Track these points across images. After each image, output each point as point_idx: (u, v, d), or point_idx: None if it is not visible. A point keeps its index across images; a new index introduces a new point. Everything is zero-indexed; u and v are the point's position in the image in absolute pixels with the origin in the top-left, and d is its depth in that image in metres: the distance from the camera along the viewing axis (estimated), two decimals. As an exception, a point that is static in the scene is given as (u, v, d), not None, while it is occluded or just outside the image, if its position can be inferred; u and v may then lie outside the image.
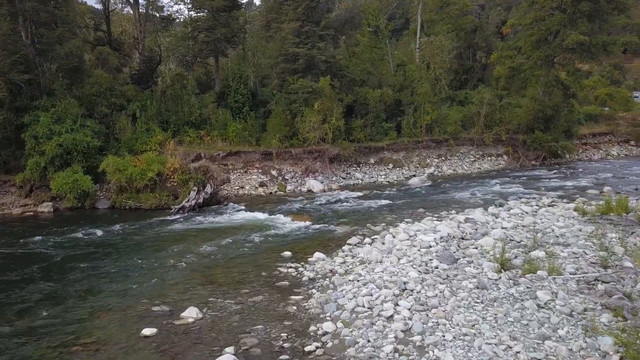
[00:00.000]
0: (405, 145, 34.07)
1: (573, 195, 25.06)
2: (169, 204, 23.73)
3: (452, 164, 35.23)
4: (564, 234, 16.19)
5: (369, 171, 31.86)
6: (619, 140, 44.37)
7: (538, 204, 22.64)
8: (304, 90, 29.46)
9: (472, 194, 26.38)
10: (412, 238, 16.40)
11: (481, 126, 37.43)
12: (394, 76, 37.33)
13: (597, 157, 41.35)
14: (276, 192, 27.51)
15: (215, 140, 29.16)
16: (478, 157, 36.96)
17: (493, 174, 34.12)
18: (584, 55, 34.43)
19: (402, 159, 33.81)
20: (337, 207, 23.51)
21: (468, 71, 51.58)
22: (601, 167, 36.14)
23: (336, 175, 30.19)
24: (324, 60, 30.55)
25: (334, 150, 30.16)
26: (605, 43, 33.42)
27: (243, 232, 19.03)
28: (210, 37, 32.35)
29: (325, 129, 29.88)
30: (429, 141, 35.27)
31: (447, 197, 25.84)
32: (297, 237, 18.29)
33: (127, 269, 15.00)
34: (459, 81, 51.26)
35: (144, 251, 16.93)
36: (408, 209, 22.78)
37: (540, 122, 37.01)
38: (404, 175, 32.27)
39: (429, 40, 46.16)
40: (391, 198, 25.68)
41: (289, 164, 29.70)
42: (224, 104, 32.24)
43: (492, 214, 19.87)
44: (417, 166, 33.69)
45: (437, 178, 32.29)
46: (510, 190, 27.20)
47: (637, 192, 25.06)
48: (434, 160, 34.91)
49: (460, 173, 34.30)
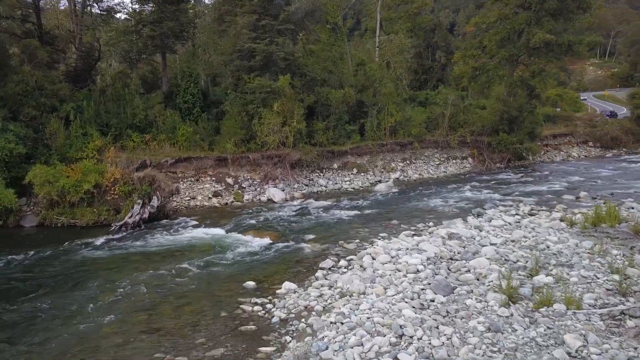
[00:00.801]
0: (370, 149, 32.12)
1: (549, 201, 23.77)
2: (110, 220, 20.65)
3: (418, 168, 33.59)
4: (561, 250, 14.50)
5: (333, 177, 29.67)
6: (578, 141, 44.26)
7: (518, 212, 21.15)
8: (262, 90, 26.94)
9: (444, 201, 24.65)
10: (394, 259, 14.29)
11: (445, 128, 36.06)
12: (355, 76, 35.36)
13: (559, 159, 40.91)
14: (232, 203, 24.83)
15: (162, 145, 26.14)
16: (443, 160, 35.55)
17: (460, 177, 32.72)
18: (549, 55, 33.62)
19: (367, 163, 31.82)
20: (302, 220, 21.13)
21: (427, 71, 50.48)
22: (566, 170, 35.50)
23: (298, 183, 27.81)
24: (283, 58, 28.10)
25: (296, 155, 27.79)
26: (571, 43, 32.71)
27: (196, 255, 16.34)
28: (156, 31, 29.30)
29: (285, 132, 27.47)
30: (394, 144, 33.50)
31: (419, 205, 23.99)
32: (260, 259, 15.79)
33: (48, 311, 12.05)
34: (418, 81, 50.08)
35: (74, 284, 13.95)
36: (380, 220, 20.72)
37: (505, 123, 36.02)
38: (369, 181, 30.29)
39: (389, 39, 44.65)
40: (359, 207, 23.56)
41: (246, 171, 27.09)
42: (172, 105, 29.22)
43: (475, 226, 18.06)
44: (382, 171, 31.80)
45: (403, 183, 30.50)
46: (482, 196, 25.70)
47: (614, 197, 24.04)
48: (398, 164, 33.14)
49: (426, 177, 32.68)
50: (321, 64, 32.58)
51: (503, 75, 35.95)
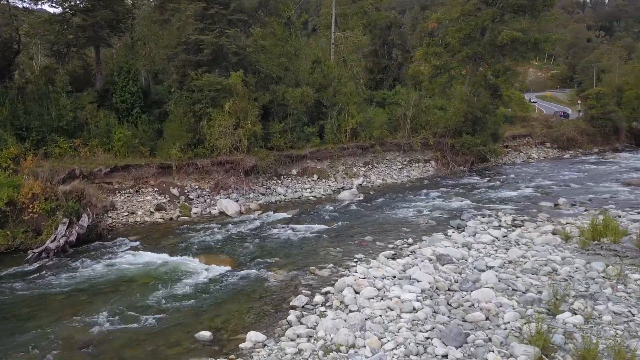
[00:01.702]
0: (330, 153, 29.62)
1: (528, 209, 22.12)
2: (27, 245, 17.02)
3: (380, 173, 31.42)
4: (571, 275, 12.50)
5: (292, 184, 26.94)
6: (536, 142, 43.69)
7: (501, 223, 19.28)
8: (211, 88, 23.86)
9: (416, 210, 22.49)
10: (382, 292, 11.81)
11: (407, 130, 34.13)
12: (311, 74, 32.77)
13: (520, 161, 40.01)
14: (178, 218, 21.59)
15: (95, 151, 22.52)
16: (405, 163, 33.59)
17: (425, 182, 30.83)
18: (514, 53, 32.35)
19: (327, 168, 29.30)
20: (261, 238, 18.26)
21: (384, 70, 48.55)
22: (530, 172, 34.42)
23: (254, 192, 24.88)
24: (234, 52, 25.09)
25: (250, 160, 24.86)
26: (537, 41, 31.55)
27: (134, 290, 13.21)
28: (87, 21, 25.56)
29: (238, 134, 24.51)
30: (355, 147, 31.17)
31: (389, 216, 21.70)
32: (215, 294, 12.86)
33: None
34: (374, 81, 48.07)
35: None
36: (351, 236, 18.22)
37: (469, 124, 34.57)
38: (332, 188, 27.77)
39: (345, 35, 42.39)
40: (325, 220, 20.98)
41: (194, 180, 23.90)
42: (107, 105, 25.55)
43: (462, 244, 15.90)
44: (344, 176, 29.38)
45: (367, 190, 28.19)
46: (454, 204, 23.77)
47: (593, 204, 22.70)
48: (360, 169, 30.84)
49: (390, 183, 30.55)
50: (276, 60, 29.74)
51: (466, 75, 34.40)
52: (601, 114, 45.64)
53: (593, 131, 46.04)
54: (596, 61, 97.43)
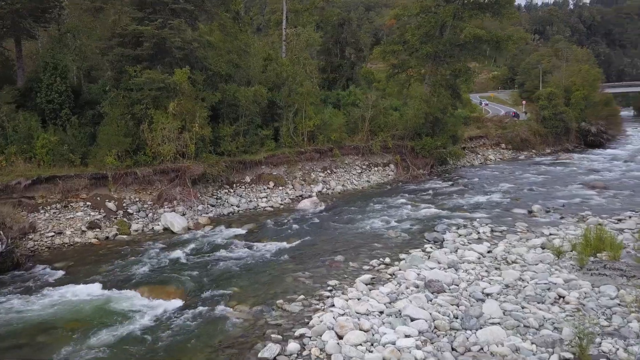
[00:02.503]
0: (287, 158, 27.27)
1: (502, 217, 20.76)
2: None
3: (340, 178, 29.40)
4: (583, 303, 10.86)
5: (246, 193, 24.39)
6: (492, 144, 43.12)
7: (480, 235, 17.71)
8: (153, 86, 21.01)
9: (384, 221, 20.60)
10: (371, 335, 9.71)
11: (366, 132, 32.32)
12: (264, 72, 30.32)
13: (478, 163, 39.18)
14: (116, 237, 18.60)
15: (13, 160, 19.12)
16: (365, 167, 31.76)
17: (386, 188, 29.10)
18: (475, 52, 31.21)
19: (284, 174, 26.96)
20: (215, 260, 15.71)
21: (337, 69, 46.59)
22: (491, 175, 33.47)
23: (203, 203, 22.17)
24: (179, 47, 22.28)
25: (199, 168, 22.14)
26: (499, 39, 30.52)
27: (55, 341, 10.43)
28: (5, 9, 21.99)
29: (185, 139, 21.76)
30: (313, 151, 28.98)
31: (357, 228, 19.68)
32: (162, 344, 10.29)
33: None
34: (327, 80, 46.05)
35: None
36: (319, 256, 16.04)
37: (428, 126, 33.20)
38: (290, 197, 25.45)
39: (296, 32, 40.13)
40: (286, 235, 18.67)
41: (134, 191, 20.92)
42: (31, 106, 22.07)
43: (448, 264, 14.04)
44: (303, 183, 27.13)
45: (328, 197, 26.09)
46: (423, 212, 22.10)
47: (566, 209, 21.64)
48: (319, 174, 28.69)
49: (350, 189, 28.59)
50: (225, 56, 27.05)
51: (425, 74, 32.99)
52: (553, 115, 45.79)
53: (545, 132, 46.15)
54: (537, 63, 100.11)
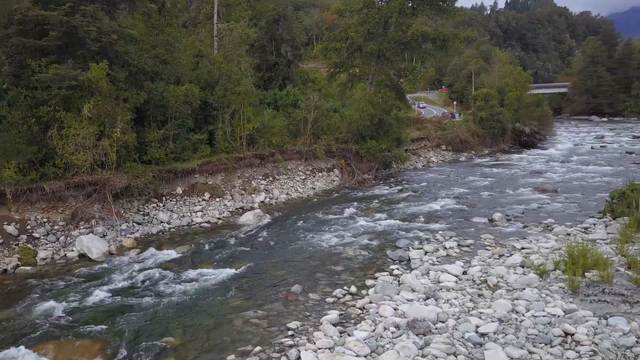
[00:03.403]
0: (224, 165, 24.47)
1: (463, 228, 19.29)
2: None
3: (284, 186, 26.99)
4: (593, 340, 9.21)
5: (178, 207, 21.36)
6: (432, 145, 42.37)
7: (448, 252, 16.01)
8: (63, 84, 17.57)
9: (337, 236, 18.47)
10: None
11: (309, 135, 30.14)
12: (194, 70, 27.29)
13: (421, 165, 38.15)
14: (17, 269, 15.07)
15: None
16: (309, 173, 29.55)
17: (334, 195, 27.07)
18: (420, 51, 29.87)
19: (222, 183, 24.14)
20: (145, 297, 12.77)
21: (273, 68, 43.99)
22: (437, 178, 32.37)
23: (128, 222, 18.95)
24: (95, 38, 18.90)
25: (121, 179, 18.89)
26: (446, 37, 29.33)
27: None
28: None
29: (104, 146, 18.48)
30: (253, 157, 26.35)
31: (310, 246, 17.40)
32: None
33: None
34: (263, 79, 43.37)
35: None
36: (272, 286, 13.60)
37: (372, 128, 31.56)
38: (229, 209, 22.70)
39: (229, 27, 37.24)
40: (229, 259, 16.03)
41: (41, 210, 17.36)
42: None
43: (425, 293, 12.08)
44: (243, 193, 24.44)
45: (272, 208, 23.62)
46: (379, 224, 20.25)
47: (527, 217, 20.53)
48: (261, 182, 26.11)
49: (295, 198, 26.25)
50: (151, 51, 23.79)
51: (369, 73, 31.26)
52: (490, 116, 45.90)
53: (483, 133, 46.16)
54: (464, 64, 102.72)
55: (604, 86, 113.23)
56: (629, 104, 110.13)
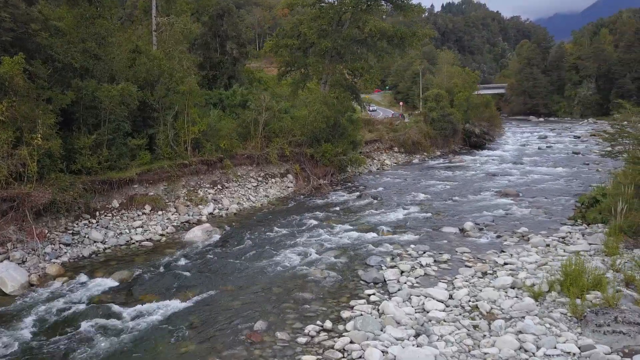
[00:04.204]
0: (167, 173, 21.90)
1: (434, 239, 17.89)
2: None
3: (234, 194, 24.68)
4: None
5: (114, 223, 18.64)
6: (385, 148, 41.18)
7: (426, 270, 14.44)
8: (-34, 81, 14.56)
9: (300, 254, 16.50)
10: None
11: (260, 138, 27.96)
12: (131, 67, 24.43)
13: (375, 169, 36.78)
14: None
15: None
16: (261, 179, 27.38)
17: (290, 204, 25.03)
18: (376, 49, 28.36)
19: (164, 194, 21.55)
20: (74, 343, 10.29)
21: (217, 66, 41.33)
22: (394, 182, 31.03)
23: (53, 243, 16.11)
24: (9, 27, 15.92)
25: (44, 194, 16.04)
26: (404, 35, 27.95)
27: None
28: None
29: (22, 156, 15.58)
30: (199, 163, 23.88)
31: (270, 267, 15.33)
32: None
33: None
34: (207, 78, 40.61)
35: None
36: (230, 323, 11.44)
37: (327, 131, 29.81)
38: (173, 223, 20.16)
39: (169, 22, 34.35)
40: (177, 287, 13.68)
41: (-59, 234, 14.30)
42: None
43: (415, 329, 10.37)
44: (189, 204, 21.95)
45: (223, 221, 21.30)
46: (343, 236, 18.49)
47: (499, 226, 19.38)
48: (208, 191, 23.68)
49: (248, 207, 24.01)
50: (79, 44, 20.80)
51: (323, 72, 29.46)
52: (441, 116, 45.36)
53: (434, 134, 45.56)
54: (408, 65, 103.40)
55: (539, 87, 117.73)
56: (562, 105, 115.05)
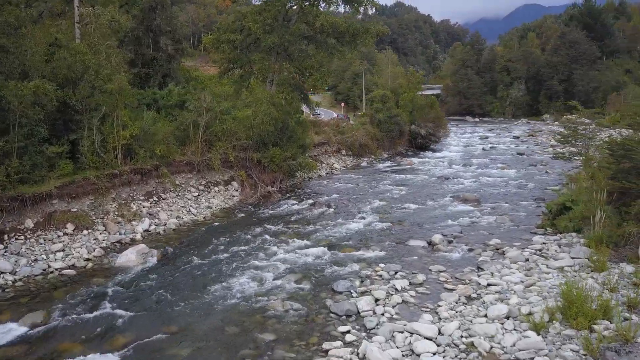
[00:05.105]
0: (93, 185, 18.89)
1: (403, 255, 16.23)
2: None
3: (172, 207, 21.95)
4: None
5: (28, 248, 15.54)
6: (333, 151, 39.47)
7: (404, 297, 12.65)
8: None
9: (256, 277, 14.27)
10: None
11: (201, 143, 25.33)
12: (48, 62, 21.13)
13: (324, 173, 34.91)
14: None
15: None
16: (202, 188, 24.76)
17: (238, 216, 22.65)
18: (326, 46, 26.45)
19: (90, 210, 18.54)
20: None
21: (150, 63, 37.93)
22: (346, 188, 29.28)
23: (-57, 280, 12.94)
24: None
25: None
26: (356, 31, 26.18)
27: None
28: None
29: None
30: (131, 172, 20.97)
31: (221, 297, 12.99)
32: None
33: None
34: (139, 76, 37.14)
35: None
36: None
37: (275, 134, 27.63)
38: (102, 245, 17.24)
39: (94, 13, 30.85)
40: (106, 332, 11.07)
41: None
42: None
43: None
44: (120, 220, 19.03)
45: (161, 239, 18.61)
46: (302, 254, 16.45)
47: (468, 238, 17.98)
48: (143, 204, 20.82)
49: (189, 221, 21.36)
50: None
51: (269, 70, 27.19)
52: (388, 118, 44.26)
53: (381, 136, 44.40)
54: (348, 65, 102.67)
55: (474, 88, 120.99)
56: (495, 105, 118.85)
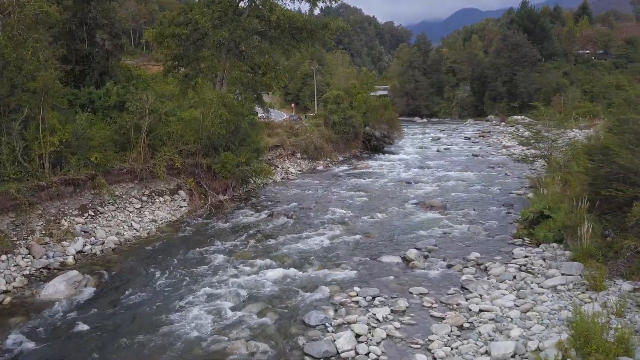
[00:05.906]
0: (14, 199, 16.05)
1: (376, 276, 14.58)
2: None
3: (111, 221, 19.32)
4: None
5: None
6: (288, 154, 37.52)
7: (387, 329, 10.95)
8: None
9: (213, 311, 12.18)
10: None
11: (144, 148, 22.74)
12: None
13: (280, 178, 32.86)
14: None
15: None
16: (145, 199, 22.21)
17: (186, 230, 20.28)
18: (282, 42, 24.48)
19: (10, 229, 15.72)
20: None
21: (85, 60, 34.55)
22: (304, 195, 27.43)
23: None
24: None
25: None
26: (315, 26, 24.34)
27: None
28: None
29: None
30: (62, 183, 18.20)
31: (173, 338, 10.80)
32: None
33: None
34: (72, 74, 33.73)
35: None
36: None
37: (226, 137, 25.42)
38: (25, 272, 14.53)
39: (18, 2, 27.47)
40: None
41: None
42: None
43: None
44: (48, 241, 16.30)
45: (97, 262, 16.05)
46: (264, 277, 14.45)
47: (444, 251, 16.56)
48: (76, 220, 18.10)
49: (130, 238, 18.81)
50: None
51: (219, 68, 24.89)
52: (342, 119, 42.80)
53: (336, 138, 42.86)
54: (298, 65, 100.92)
55: (421, 89, 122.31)
56: (442, 106, 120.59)
